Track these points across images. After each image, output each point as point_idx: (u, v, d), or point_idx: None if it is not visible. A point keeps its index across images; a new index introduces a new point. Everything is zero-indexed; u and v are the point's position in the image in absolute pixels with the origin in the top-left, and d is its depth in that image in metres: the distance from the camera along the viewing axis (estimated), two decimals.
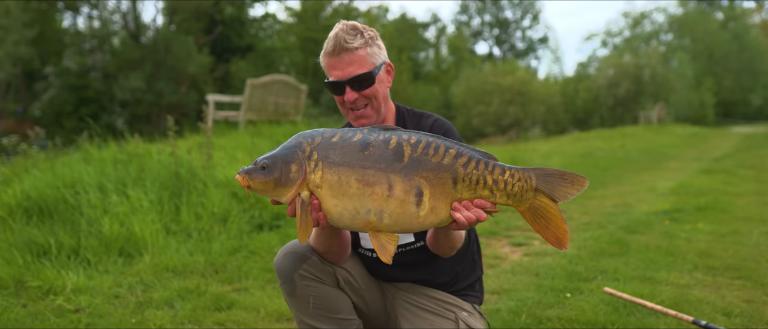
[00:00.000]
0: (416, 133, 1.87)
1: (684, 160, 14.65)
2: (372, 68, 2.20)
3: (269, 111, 12.22)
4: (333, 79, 2.21)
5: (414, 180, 1.80)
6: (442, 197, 1.82)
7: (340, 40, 2.16)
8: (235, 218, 5.49)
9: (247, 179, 1.82)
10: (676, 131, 26.93)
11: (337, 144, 1.83)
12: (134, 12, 33.94)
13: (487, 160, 1.86)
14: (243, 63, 34.57)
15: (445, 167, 1.82)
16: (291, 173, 1.81)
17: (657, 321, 3.41)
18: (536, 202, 1.88)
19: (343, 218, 1.83)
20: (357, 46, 2.17)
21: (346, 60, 2.17)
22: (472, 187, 1.83)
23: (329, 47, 2.19)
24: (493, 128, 33.34)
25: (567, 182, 1.88)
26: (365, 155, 1.81)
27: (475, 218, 1.83)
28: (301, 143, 1.86)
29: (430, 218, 1.83)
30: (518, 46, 55.90)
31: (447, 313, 2.26)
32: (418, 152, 1.82)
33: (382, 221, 1.81)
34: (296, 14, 38.82)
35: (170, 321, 3.54)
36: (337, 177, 1.80)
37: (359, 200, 1.80)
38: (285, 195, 1.84)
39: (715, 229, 5.98)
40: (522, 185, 1.85)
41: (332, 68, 2.21)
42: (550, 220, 1.90)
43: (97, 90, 31.50)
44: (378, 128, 1.90)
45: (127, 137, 7.68)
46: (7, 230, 4.79)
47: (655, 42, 47.45)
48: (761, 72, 46.57)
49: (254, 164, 1.85)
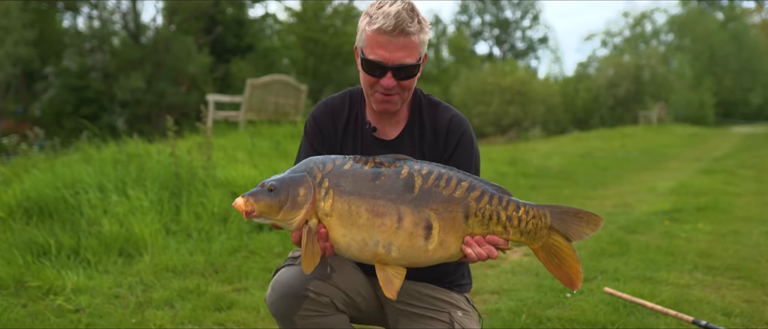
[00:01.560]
0: (428, 164, 1.82)
1: (684, 160, 14.65)
2: (419, 59, 2.03)
3: (269, 111, 12.21)
4: (376, 58, 1.99)
5: (423, 212, 1.75)
6: (452, 231, 1.76)
7: (403, 21, 1.94)
8: (235, 219, 5.49)
9: (252, 201, 1.75)
10: (676, 131, 26.92)
11: (348, 172, 1.78)
12: (134, 12, 33.96)
13: (501, 195, 1.81)
14: (243, 63, 34.56)
15: (457, 200, 1.76)
16: (299, 196, 1.75)
17: (657, 321, 3.40)
18: (550, 240, 1.84)
19: (351, 249, 1.78)
20: (414, 31, 1.97)
21: (400, 43, 1.97)
22: (485, 222, 1.78)
23: (387, 24, 1.94)
24: (493, 128, 33.34)
25: (582, 221, 1.84)
26: (376, 185, 1.76)
27: (486, 255, 1.77)
28: (312, 168, 1.80)
29: (439, 253, 1.78)
30: (518, 46, 55.91)
31: (441, 315, 2.17)
32: (429, 184, 1.77)
33: (390, 254, 1.76)
34: (296, 14, 38.78)
35: (170, 321, 3.54)
36: (347, 206, 1.75)
37: (368, 231, 1.74)
38: (291, 220, 1.77)
39: (715, 229, 5.98)
40: (536, 222, 1.81)
41: (379, 46, 1.98)
42: (564, 259, 1.85)
43: (97, 90, 31.50)
44: (389, 157, 1.84)
45: (126, 137, 7.67)
46: (7, 231, 4.79)
47: (655, 42, 47.45)
48: (761, 72, 46.57)
49: (261, 185, 1.79)
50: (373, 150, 2.20)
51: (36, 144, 8.01)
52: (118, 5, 33.74)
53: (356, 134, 2.23)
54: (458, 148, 2.19)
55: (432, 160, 2.17)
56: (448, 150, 2.19)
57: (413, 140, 2.21)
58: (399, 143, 2.21)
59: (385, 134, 2.22)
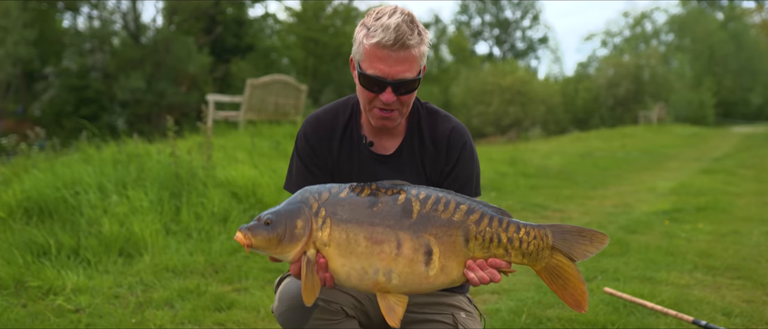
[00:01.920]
0: (426, 188, 1.79)
1: (684, 160, 14.65)
2: (419, 73, 1.94)
3: (269, 111, 12.21)
4: (375, 73, 1.90)
5: (423, 238, 1.71)
6: (453, 256, 1.73)
7: (404, 35, 1.85)
8: (235, 219, 5.49)
9: (250, 235, 1.72)
10: (676, 131, 26.92)
11: (344, 200, 1.75)
12: (134, 12, 33.96)
13: (501, 216, 1.77)
14: (243, 63, 34.58)
15: (456, 224, 1.74)
16: (296, 228, 1.72)
17: (657, 321, 3.41)
18: (553, 261, 1.80)
19: (351, 278, 1.74)
20: (414, 44, 1.88)
21: (400, 57, 1.88)
22: (486, 245, 1.75)
23: (387, 38, 1.85)
24: (493, 128, 33.35)
25: (586, 239, 1.79)
26: (373, 212, 1.72)
27: (488, 278, 1.74)
28: (308, 198, 1.77)
29: (440, 278, 1.74)
30: (518, 46, 55.91)
31: (444, 317, 2.15)
32: (428, 208, 1.74)
33: (391, 282, 1.73)
34: (296, 14, 38.81)
35: (170, 321, 3.54)
36: (345, 235, 1.71)
37: (367, 259, 1.71)
38: (289, 254, 1.74)
39: (715, 229, 5.98)
40: (538, 243, 1.77)
41: (378, 60, 1.88)
42: (568, 280, 1.80)
43: (97, 90, 31.50)
44: (386, 183, 1.81)
45: (126, 137, 7.67)
46: (7, 231, 4.79)
47: (655, 42, 47.45)
48: (761, 72, 46.58)
49: (257, 219, 1.75)
50: (372, 166, 2.13)
51: (36, 144, 8.01)
52: (118, 5, 33.77)
53: (352, 150, 2.15)
54: (459, 162, 2.13)
55: (432, 173, 2.14)
56: (449, 163, 2.13)
57: (413, 153, 2.14)
58: (398, 157, 2.14)
59: (383, 148, 2.15)
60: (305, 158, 2.15)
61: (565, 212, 7.26)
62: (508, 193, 8.72)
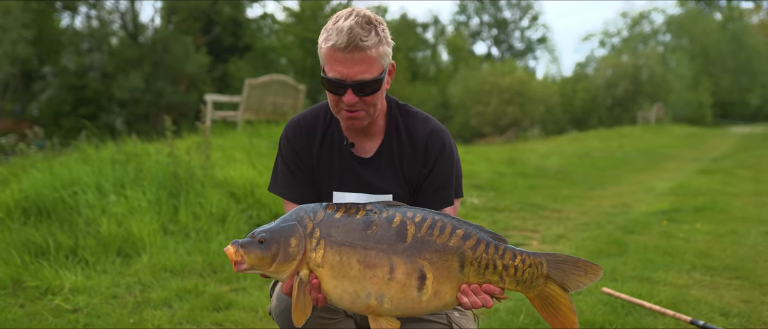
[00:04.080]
0: (421, 210, 1.77)
1: (682, 160, 14.67)
2: (380, 73, 1.94)
3: (267, 111, 12.20)
4: (335, 76, 1.92)
5: (416, 263, 1.71)
6: (447, 281, 1.73)
7: (356, 36, 1.87)
8: (233, 219, 5.48)
9: (242, 252, 1.70)
10: (674, 131, 26.95)
11: (339, 221, 1.74)
12: (132, 12, 33.93)
13: (497, 243, 1.77)
14: (241, 63, 34.58)
15: (451, 249, 1.73)
16: (290, 247, 1.72)
17: (655, 321, 3.41)
18: (546, 290, 1.79)
19: (343, 300, 1.74)
20: (370, 45, 1.89)
21: (356, 59, 1.89)
22: (481, 271, 1.75)
23: (340, 41, 1.87)
24: (492, 128, 33.38)
25: (580, 270, 1.79)
26: (367, 235, 1.72)
27: (480, 304, 1.74)
28: (303, 218, 1.76)
29: (433, 303, 1.74)
30: (516, 47, 55.96)
31: (439, 316, 2.14)
32: (423, 232, 1.73)
33: (383, 306, 1.73)
34: (294, 14, 38.82)
35: (168, 321, 3.54)
36: (338, 257, 1.71)
37: (360, 282, 1.71)
38: (283, 273, 1.74)
39: (713, 229, 5.99)
40: (532, 271, 1.77)
41: (336, 63, 1.91)
42: (560, 310, 1.79)
43: (95, 90, 31.48)
44: (382, 204, 1.80)
45: (124, 137, 7.66)
46: (5, 230, 4.78)
47: (653, 42, 47.49)
48: (759, 72, 46.62)
49: (251, 236, 1.74)
50: (352, 167, 2.14)
51: (35, 144, 8.01)
52: (117, 5, 33.74)
53: (333, 152, 2.16)
54: (438, 163, 2.13)
55: (411, 175, 2.14)
56: (427, 165, 2.13)
57: (392, 155, 2.14)
58: (377, 160, 2.15)
59: (363, 150, 2.16)
60: (288, 160, 2.17)
61: (563, 213, 7.27)
62: (507, 193, 8.72)
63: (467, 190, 8.03)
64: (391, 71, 2.05)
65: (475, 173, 10.07)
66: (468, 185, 8.48)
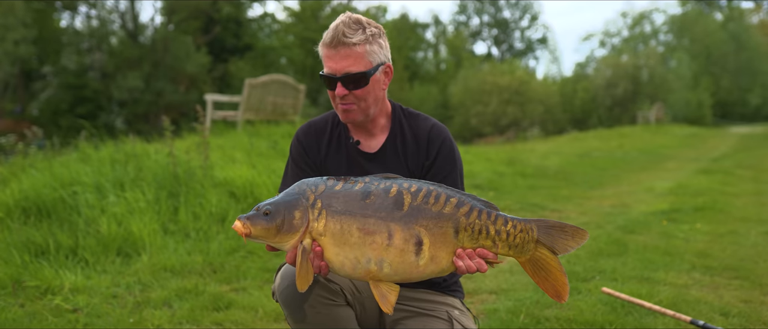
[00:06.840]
0: (417, 181, 1.88)
1: (682, 160, 14.67)
2: (368, 68, 2.12)
3: (267, 111, 12.20)
4: (326, 71, 2.13)
5: (413, 229, 1.81)
6: (443, 246, 1.83)
7: (340, 32, 2.08)
8: (233, 218, 5.48)
9: (249, 225, 1.81)
10: (674, 131, 26.95)
11: (339, 193, 1.84)
12: (132, 11, 33.96)
13: (489, 210, 1.88)
14: (241, 63, 34.57)
15: (446, 217, 1.83)
16: (294, 219, 1.82)
17: (655, 321, 3.41)
18: (537, 254, 1.90)
19: (345, 267, 1.84)
20: (356, 42, 2.09)
21: (342, 53, 2.09)
22: (475, 237, 1.85)
23: (328, 38, 2.11)
24: (492, 128, 33.37)
25: (568, 235, 1.90)
26: (366, 204, 1.82)
27: (475, 268, 1.84)
28: (305, 190, 1.86)
29: (430, 268, 1.84)
30: (516, 47, 55.93)
31: (440, 314, 2.24)
32: (419, 201, 1.83)
33: (383, 271, 1.82)
34: (294, 14, 38.85)
35: (168, 320, 3.54)
36: (339, 226, 1.81)
37: (360, 249, 1.81)
38: (287, 243, 1.84)
39: (713, 229, 5.99)
40: (523, 236, 1.87)
41: (328, 59, 2.12)
42: (550, 272, 1.91)
43: (95, 90, 31.48)
44: (379, 176, 1.90)
45: (124, 137, 7.66)
46: (4, 230, 4.78)
47: (653, 42, 47.47)
48: (759, 72, 46.59)
49: (256, 209, 1.84)
50: (359, 162, 2.28)
51: (34, 144, 8.00)
52: (117, 5, 33.78)
53: (340, 148, 2.31)
54: (440, 154, 2.26)
55: (414, 167, 2.27)
56: (430, 157, 2.26)
57: (396, 150, 2.28)
58: (382, 154, 2.28)
59: (369, 147, 2.30)
60: (297, 158, 2.33)
61: (563, 213, 7.27)
62: (506, 193, 8.72)
63: (467, 190, 8.01)
64: (387, 72, 2.21)
65: (475, 173, 10.07)
66: (468, 185, 8.47)
